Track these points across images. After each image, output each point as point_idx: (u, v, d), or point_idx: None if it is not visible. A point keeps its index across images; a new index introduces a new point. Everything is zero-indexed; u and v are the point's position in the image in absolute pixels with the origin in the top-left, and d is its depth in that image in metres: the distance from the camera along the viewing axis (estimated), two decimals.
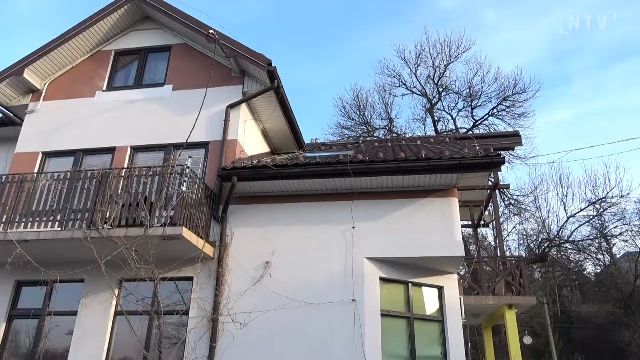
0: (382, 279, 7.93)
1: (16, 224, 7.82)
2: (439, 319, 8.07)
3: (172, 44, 10.55)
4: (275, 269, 7.99)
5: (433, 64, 26.72)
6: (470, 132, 23.71)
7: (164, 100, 9.86)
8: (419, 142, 11.19)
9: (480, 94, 25.79)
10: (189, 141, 8.72)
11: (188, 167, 7.59)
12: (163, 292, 7.70)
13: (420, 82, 27.26)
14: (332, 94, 48.64)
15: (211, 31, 9.22)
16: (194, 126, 8.76)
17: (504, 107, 25.41)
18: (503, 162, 7.72)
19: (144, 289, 7.93)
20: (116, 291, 8.16)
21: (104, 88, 10.33)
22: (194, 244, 7.52)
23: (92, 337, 7.95)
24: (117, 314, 8.13)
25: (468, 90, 26.04)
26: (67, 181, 8.05)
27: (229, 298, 7.87)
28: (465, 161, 7.61)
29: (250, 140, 9.89)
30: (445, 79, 26.65)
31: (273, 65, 9.06)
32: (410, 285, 8.14)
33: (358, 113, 28.19)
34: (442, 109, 26.99)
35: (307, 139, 12.58)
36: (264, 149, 10.93)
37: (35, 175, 8.34)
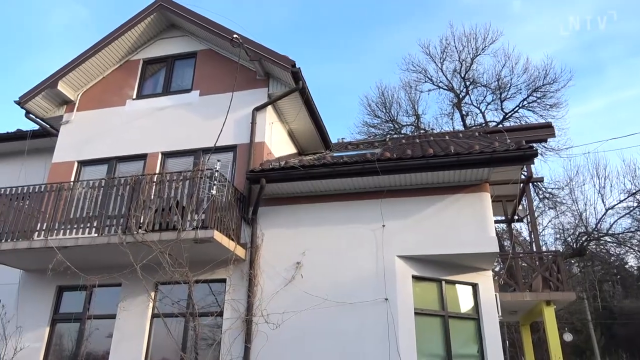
0: (414, 277, 7.84)
1: (55, 231, 8.09)
2: (474, 316, 7.92)
3: (197, 50, 10.72)
4: (306, 269, 8.01)
5: (459, 58, 26.27)
6: (500, 125, 23.21)
7: (192, 105, 10.03)
8: (447, 137, 11.02)
9: (509, 85, 25.19)
10: (217, 145, 8.85)
11: (217, 171, 7.69)
12: (197, 294, 7.82)
13: (446, 77, 26.84)
14: (357, 92, 48.47)
15: (235, 35, 9.33)
16: (222, 130, 8.89)
17: (535, 98, 24.73)
18: (535, 155, 7.52)
19: (179, 292, 8.07)
20: (152, 294, 8.34)
21: (134, 96, 10.59)
22: (225, 246, 7.61)
23: (131, 340, 8.15)
24: (153, 316, 8.32)
25: (496, 82, 25.47)
26: (102, 188, 8.28)
27: (262, 299, 7.94)
28: (496, 155, 7.44)
29: (277, 141, 9.95)
30: (472, 72, 26.14)
31: (297, 66, 9.09)
32: (443, 282, 8.02)
33: (384, 110, 27.98)
34: (470, 102, 26.50)
35: (333, 138, 12.57)
36: (291, 149, 10.97)
37: (72, 183, 8.63)
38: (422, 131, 24.65)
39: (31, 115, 10.44)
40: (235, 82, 9.45)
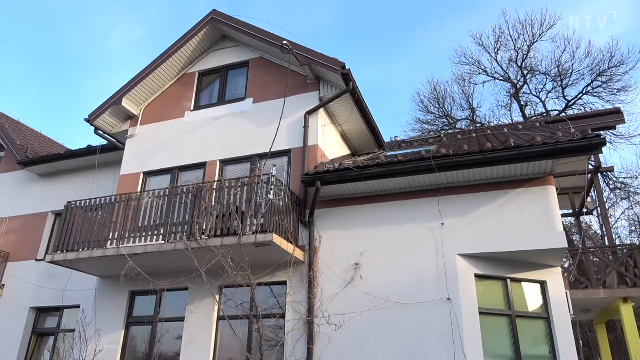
0: (477, 276, 7.61)
1: (126, 239, 8.59)
2: (544, 315, 7.57)
3: (249, 59, 11.01)
4: (365, 270, 8.00)
5: (514, 46, 25.19)
6: (563, 114, 22.00)
7: (246, 113, 10.31)
8: (505, 130, 10.61)
9: (570, 71, 23.84)
10: (272, 150, 9.06)
11: (273, 176, 7.86)
12: (259, 297, 8.03)
13: (501, 67, 25.83)
14: (409, 89, 47.71)
15: (284, 42, 9.50)
16: (276, 135, 9.08)
17: (600, 83, 23.24)
18: (604, 143, 7.07)
19: (242, 294, 8.31)
20: (217, 297, 8.64)
21: (192, 108, 11.03)
22: (284, 249, 7.76)
23: (199, 341, 8.49)
24: (219, 318, 8.61)
25: (557, 69, 24.19)
26: (167, 197, 8.69)
27: (322, 300, 8.01)
28: (560, 145, 7.08)
29: (330, 144, 10.01)
30: (530, 60, 24.97)
31: (347, 68, 9.12)
32: (508, 281, 7.72)
33: (437, 106, 27.37)
34: (528, 92, 25.35)
35: (386, 137, 12.47)
36: (344, 151, 11.00)
37: (139, 194, 9.11)
38: (478, 125, 23.91)
39: (100, 131, 11.14)
40: (287, 87, 9.62)
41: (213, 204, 8.16)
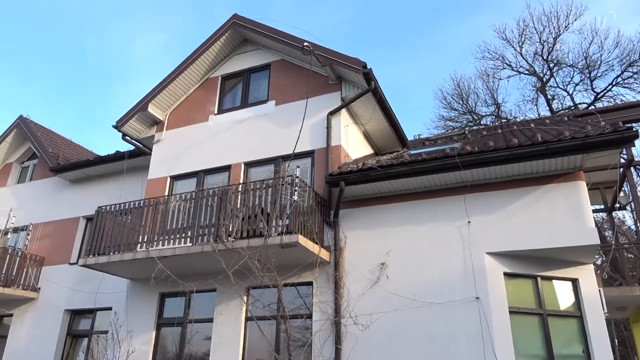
0: (506, 274, 7.48)
1: (155, 242, 8.77)
2: (576, 314, 7.38)
3: (270, 62, 11.09)
4: (391, 269, 7.96)
5: (540, 39, 24.66)
6: (592, 107, 21.42)
7: (269, 115, 10.39)
8: (532, 125, 10.40)
9: (599, 63, 23.19)
10: (295, 151, 9.10)
11: (297, 177, 7.90)
12: (286, 297, 8.07)
13: (526, 60, 25.32)
14: (431, 87, 47.19)
15: (305, 43, 9.53)
16: (299, 137, 9.12)
17: (630, 74, 22.53)
18: (636, 136, 6.84)
19: (269, 295, 8.38)
20: (245, 298, 8.74)
21: (215, 111, 11.18)
22: (310, 250, 7.78)
23: (228, 342, 8.59)
24: (247, 319, 8.70)
25: (584, 61, 23.56)
26: (193, 200, 8.83)
27: (349, 300, 8.00)
28: (590, 140, 6.90)
29: (353, 143, 10.00)
30: (556, 52, 24.40)
31: (368, 67, 9.09)
32: (538, 279, 7.57)
33: (461, 102, 27.01)
34: (555, 85, 24.77)
35: (409, 135, 12.36)
36: (367, 150, 10.97)
37: (166, 197, 9.29)
38: (503, 120, 23.48)
39: (127, 137, 11.40)
40: (309, 88, 9.65)
41: (238, 206, 8.25)
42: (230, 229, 7.98)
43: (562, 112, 22.02)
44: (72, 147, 16.26)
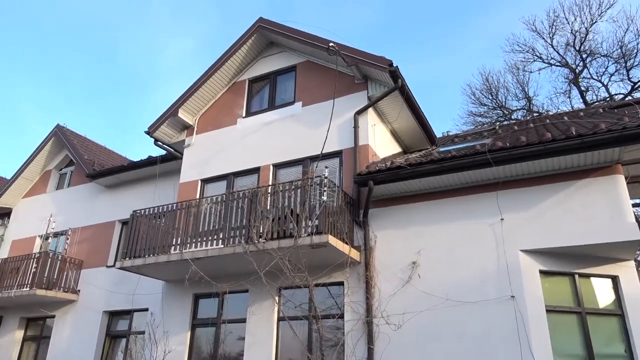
0: (541, 272, 7.30)
1: (188, 245, 8.95)
2: (617, 312, 7.14)
3: (296, 63, 11.16)
4: (423, 268, 7.89)
5: (571, 29, 23.90)
6: (629, 97, 20.63)
7: (296, 116, 10.45)
8: (566, 118, 10.11)
9: (635, 51, 22.26)
10: (323, 152, 9.13)
11: (326, 177, 7.92)
12: (317, 297, 8.10)
13: (558, 52, 24.57)
14: (459, 82, 46.41)
15: (331, 44, 9.54)
16: (326, 137, 9.14)
17: None
18: None
19: (300, 295, 8.43)
20: (276, 298, 8.82)
21: (243, 114, 11.33)
22: (340, 250, 7.79)
23: (261, 342, 8.69)
24: (279, 319, 8.78)
25: (619, 50, 22.68)
26: (224, 203, 8.98)
27: (380, 300, 7.97)
28: (627, 132, 6.65)
29: (380, 142, 9.95)
30: (589, 42, 23.59)
31: (394, 65, 9.03)
32: (576, 276, 7.35)
33: (490, 97, 26.43)
34: (589, 76, 23.94)
35: (437, 132, 12.23)
36: (395, 149, 10.90)
37: (198, 200, 9.47)
38: (535, 114, 22.89)
39: (159, 142, 11.68)
40: (335, 88, 9.66)
41: (268, 207, 8.34)
42: (260, 230, 8.06)
43: (596, 104, 21.30)
44: (107, 154, 16.77)
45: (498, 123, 19.95)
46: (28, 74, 56.98)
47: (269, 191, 8.55)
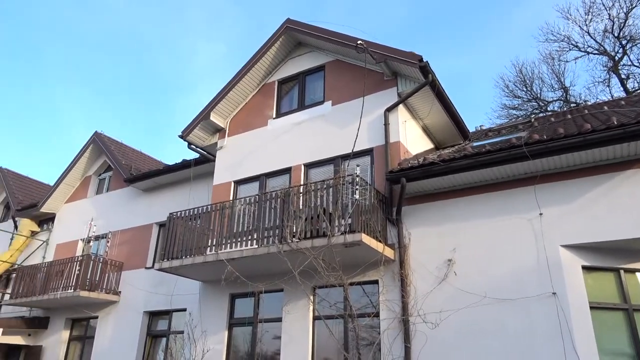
0: (584, 268, 7.05)
1: (223, 245, 9.09)
2: None
3: (324, 63, 11.16)
4: (459, 265, 7.75)
5: (609, 15, 22.95)
6: None
7: (325, 116, 10.45)
8: (605, 108, 9.72)
9: None
10: (354, 150, 9.09)
11: (357, 176, 7.88)
12: (352, 296, 8.08)
13: (595, 40, 23.67)
14: (492, 75, 45.31)
15: (359, 42, 9.48)
16: (357, 135, 9.10)
17: None
18: None
19: (335, 294, 8.43)
20: (311, 297, 8.85)
21: (274, 116, 11.41)
22: (373, 248, 7.75)
23: (297, 341, 8.74)
24: (314, 318, 8.81)
25: None
26: (257, 203, 9.07)
27: (416, 298, 7.88)
28: None
29: (412, 139, 9.84)
30: (628, 28, 22.61)
31: (424, 60, 8.91)
32: (621, 272, 7.06)
33: (524, 89, 25.72)
34: (629, 63, 22.94)
35: (470, 127, 11.99)
36: (427, 145, 10.75)
37: (232, 202, 9.60)
38: (573, 105, 22.13)
39: (192, 145, 11.91)
40: (364, 86, 9.61)
41: (301, 207, 8.37)
42: (294, 230, 8.10)
43: (638, 91, 20.40)
44: (143, 158, 17.23)
45: (533, 115, 19.39)
46: (68, 82, 59.26)
47: (301, 191, 8.58)
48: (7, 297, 15.77)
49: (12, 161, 61.05)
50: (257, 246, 8.58)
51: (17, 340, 14.27)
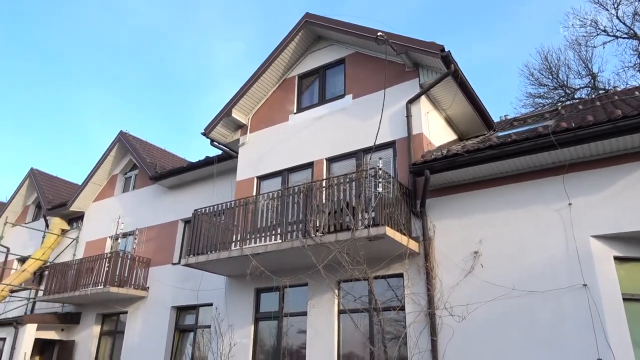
0: (616, 259, 6.85)
1: (247, 240, 9.17)
2: None
3: (344, 56, 11.09)
4: (486, 258, 7.63)
5: None
6: None
7: (346, 109, 10.40)
8: (637, 93, 9.41)
9: None
10: (376, 143, 9.02)
11: (380, 169, 7.82)
12: (377, 290, 8.05)
13: (624, 23, 22.86)
14: (516, 64, 44.33)
15: (379, 33, 9.37)
16: (379, 128, 9.03)
17: None
18: None
19: (360, 288, 8.41)
20: (336, 291, 8.85)
21: (295, 111, 11.42)
22: (398, 241, 7.69)
23: (323, 334, 8.76)
24: (339, 312, 8.81)
25: None
26: (280, 198, 9.11)
27: (442, 291, 7.80)
28: None
29: (435, 130, 9.71)
30: None
31: (446, 50, 8.76)
32: None
33: (550, 77, 25.06)
34: None
35: (495, 117, 11.77)
36: (451, 136, 10.59)
37: (255, 197, 9.67)
38: (601, 92, 21.48)
39: (215, 142, 12.02)
40: (385, 78, 9.51)
41: (324, 201, 8.36)
42: (317, 224, 8.10)
43: None
44: (167, 156, 17.50)
45: (560, 103, 18.89)
46: (90, 84, 60.54)
47: (324, 185, 8.57)
48: (40, 293, 16.27)
49: (38, 161, 62.88)
50: (281, 241, 8.62)
51: (51, 335, 14.74)
